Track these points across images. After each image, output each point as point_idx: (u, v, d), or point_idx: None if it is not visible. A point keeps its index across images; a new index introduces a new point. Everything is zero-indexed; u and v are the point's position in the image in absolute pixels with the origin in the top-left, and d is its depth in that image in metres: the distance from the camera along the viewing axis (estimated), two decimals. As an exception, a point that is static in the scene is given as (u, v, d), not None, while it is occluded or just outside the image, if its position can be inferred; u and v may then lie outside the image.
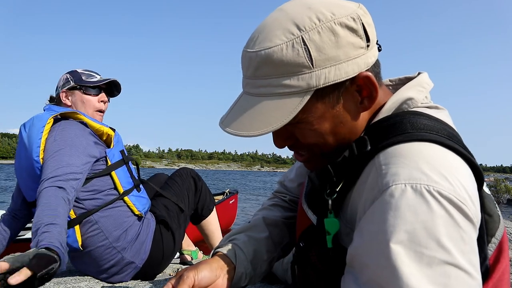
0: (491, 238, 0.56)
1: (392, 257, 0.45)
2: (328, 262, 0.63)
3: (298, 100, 0.56)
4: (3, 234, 1.44)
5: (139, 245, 1.46)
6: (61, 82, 1.56)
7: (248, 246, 0.81)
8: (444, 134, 0.55)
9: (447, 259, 0.44)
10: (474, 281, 0.45)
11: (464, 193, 0.48)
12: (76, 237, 1.34)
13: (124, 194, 1.45)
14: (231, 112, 0.62)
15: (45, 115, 1.37)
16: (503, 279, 0.56)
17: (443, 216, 0.46)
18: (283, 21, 0.56)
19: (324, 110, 0.58)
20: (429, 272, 0.44)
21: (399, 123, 0.57)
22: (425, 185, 0.47)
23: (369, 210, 0.51)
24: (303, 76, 0.55)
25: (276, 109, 0.57)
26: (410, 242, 0.45)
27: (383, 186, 0.49)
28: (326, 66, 0.55)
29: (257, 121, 0.57)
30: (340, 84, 0.57)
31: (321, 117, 0.59)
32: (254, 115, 0.58)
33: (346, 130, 0.61)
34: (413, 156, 0.50)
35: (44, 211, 1.06)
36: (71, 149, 1.30)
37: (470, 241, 0.47)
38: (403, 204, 0.47)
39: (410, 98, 0.62)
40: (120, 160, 1.50)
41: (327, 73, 0.55)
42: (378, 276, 0.46)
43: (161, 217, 1.58)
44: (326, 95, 0.57)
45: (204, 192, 1.87)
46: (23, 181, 1.40)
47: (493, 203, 0.59)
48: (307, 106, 0.57)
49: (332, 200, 0.61)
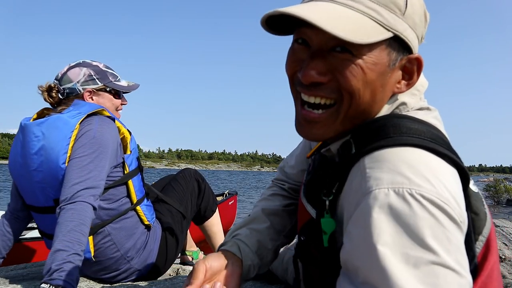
0: (478, 236, 0.57)
1: (380, 259, 0.46)
2: (328, 258, 0.63)
3: (381, 31, 0.55)
4: (8, 236, 1.40)
5: (146, 253, 1.45)
6: (80, 77, 1.41)
7: (251, 238, 0.81)
8: (427, 136, 0.56)
9: (433, 259, 0.45)
10: (463, 279, 0.45)
11: (447, 194, 0.49)
12: (89, 247, 1.30)
13: (137, 203, 1.42)
14: (313, 6, 0.55)
15: (71, 119, 1.28)
16: (492, 276, 0.57)
17: (426, 218, 0.46)
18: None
19: (384, 60, 0.57)
20: (417, 273, 0.44)
21: (383, 127, 0.58)
22: (407, 188, 0.48)
23: (354, 214, 0.52)
24: (394, 16, 0.56)
25: (361, 25, 0.54)
26: (396, 244, 0.46)
27: (367, 190, 0.50)
28: (409, 24, 0.58)
29: (347, 24, 0.53)
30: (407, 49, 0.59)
31: (377, 64, 0.56)
32: (344, 19, 0.53)
33: (380, 97, 0.60)
34: (396, 160, 0.52)
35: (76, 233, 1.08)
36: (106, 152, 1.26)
37: (455, 240, 0.47)
38: (386, 208, 0.48)
39: (403, 103, 0.64)
40: (136, 168, 1.45)
41: (409, 29, 0.58)
42: (370, 278, 0.47)
43: (166, 224, 1.57)
44: (396, 49, 0.58)
45: (207, 194, 1.86)
46: (30, 185, 1.31)
47: (480, 201, 0.60)
48: (378, 45, 0.55)
49: (329, 201, 0.62)
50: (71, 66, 1.44)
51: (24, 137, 1.31)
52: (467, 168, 0.57)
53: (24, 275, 1.51)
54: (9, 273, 1.55)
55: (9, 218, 1.42)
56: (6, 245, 1.39)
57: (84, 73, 1.42)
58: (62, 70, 1.45)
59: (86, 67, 1.44)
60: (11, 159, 1.38)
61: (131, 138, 1.45)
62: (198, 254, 2.16)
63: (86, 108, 1.34)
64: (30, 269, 1.65)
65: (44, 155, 1.25)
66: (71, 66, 1.44)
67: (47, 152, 1.25)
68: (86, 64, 1.45)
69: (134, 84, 1.58)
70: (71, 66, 1.44)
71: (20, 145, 1.32)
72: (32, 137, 1.28)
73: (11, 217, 1.42)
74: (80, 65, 1.44)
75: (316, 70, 0.57)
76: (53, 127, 1.27)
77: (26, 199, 1.38)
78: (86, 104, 1.38)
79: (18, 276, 1.49)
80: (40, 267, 1.69)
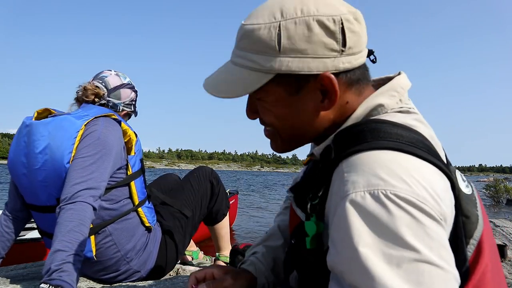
0: (469, 240, 0.57)
1: (362, 260, 0.46)
2: (314, 260, 0.64)
3: (260, 77, 0.61)
4: (6, 236, 1.39)
5: (146, 255, 1.46)
6: (128, 99, 1.55)
7: (267, 257, 0.87)
8: (406, 141, 0.56)
9: (416, 257, 0.45)
10: (448, 274, 0.46)
11: (424, 193, 0.49)
12: (91, 246, 1.30)
13: (139, 205, 1.43)
14: (214, 73, 0.68)
15: (77, 119, 1.29)
16: (483, 279, 0.56)
17: (403, 217, 0.47)
18: (275, 5, 0.61)
19: (282, 95, 0.63)
20: (401, 271, 0.45)
21: (361, 132, 0.58)
22: (382, 190, 0.49)
23: (334, 218, 0.52)
24: (269, 58, 0.60)
25: (241, 80, 0.62)
26: (377, 245, 0.47)
27: (344, 193, 0.51)
28: (291, 55, 0.59)
29: (225, 85, 0.64)
30: (303, 76, 0.60)
31: (278, 100, 0.63)
32: (225, 80, 0.64)
33: (301, 122, 0.65)
34: (372, 163, 0.52)
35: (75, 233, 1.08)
36: (109, 154, 1.27)
37: (437, 236, 0.47)
38: (363, 211, 0.49)
39: (380, 105, 0.63)
40: (139, 170, 1.45)
41: (290, 61, 0.59)
42: (355, 281, 0.47)
43: (166, 227, 1.57)
44: (287, 82, 0.61)
45: (220, 197, 1.82)
46: (32, 184, 1.30)
47: (472, 204, 0.59)
48: (268, 87, 0.62)
49: (311, 204, 0.62)
50: (125, 84, 1.54)
51: (29, 136, 1.30)
52: (454, 168, 0.57)
53: (24, 275, 1.51)
54: (9, 273, 1.55)
55: (8, 218, 1.42)
56: (5, 245, 1.39)
57: (131, 98, 1.55)
58: (115, 80, 1.52)
59: (134, 91, 1.57)
60: (11, 158, 1.36)
61: (136, 140, 1.45)
62: (198, 254, 2.17)
63: (95, 111, 1.36)
64: (30, 269, 1.65)
65: (49, 154, 1.25)
66: (125, 84, 1.54)
67: (52, 151, 1.25)
68: (134, 88, 1.57)
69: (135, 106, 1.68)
70: (125, 84, 1.54)
71: (24, 144, 1.31)
72: (38, 136, 1.28)
73: (9, 217, 1.42)
74: (131, 87, 1.56)
75: (249, 111, 0.70)
76: (60, 127, 1.28)
77: (27, 198, 1.37)
78: (95, 107, 1.40)
79: (18, 276, 1.50)
80: (40, 267, 1.69)
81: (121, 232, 1.37)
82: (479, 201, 0.62)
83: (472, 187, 0.64)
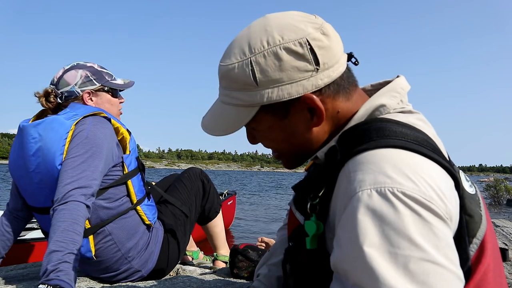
0: (472, 239, 0.57)
1: (368, 261, 0.46)
2: (313, 262, 0.63)
3: (248, 111, 0.64)
4: (7, 236, 1.39)
5: (147, 254, 1.45)
6: (77, 79, 1.41)
7: (270, 277, 0.91)
8: (411, 139, 0.56)
9: (422, 256, 0.45)
10: (453, 274, 0.45)
11: (430, 192, 0.49)
12: (89, 247, 1.30)
13: (138, 203, 1.42)
14: (208, 112, 0.72)
15: (67, 120, 1.28)
16: (485, 279, 0.56)
17: (410, 215, 0.47)
18: (243, 40, 0.64)
19: (273, 122, 0.66)
20: (407, 271, 0.44)
21: (366, 131, 0.59)
22: (389, 187, 0.48)
23: (342, 217, 0.52)
24: (250, 93, 0.63)
25: (231, 117, 0.66)
26: (383, 244, 0.46)
27: (351, 192, 0.51)
28: (269, 86, 0.61)
29: (218, 124, 0.68)
30: (287, 101, 0.62)
31: (271, 127, 0.67)
32: (217, 119, 0.68)
33: (298, 142, 0.68)
34: (378, 161, 0.52)
35: (69, 233, 1.07)
36: (99, 152, 1.26)
37: (443, 236, 0.47)
38: (370, 209, 0.48)
39: (382, 105, 0.64)
40: (136, 168, 1.44)
41: (270, 92, 0.61)
42: (360, 280, 0.47)
43: (168, 226, 1.56)
44: (275, 109, 0.64)
45: (212, 195, 1.84)
46: (30, 186, 1.31)
47: (476, 203, 0.59)
48: (258, 117, 0.65)
49: (311, 204, 0.63)
50: (66, 69, 1.43)
51: (22, 138, 1.31)
52: (458, 168, 0.56)
53: (24, 275, 1.51)
54: (9, 273, 1.55)
55: (9, 218, 1.42)
56: (5, 245, 1.39)
57: (80, 75, 1.41)
58: (57, 74, 1.43)
59: (82, 68, 1.43)
60: (11, 161, 1.38)
61: (130, 138, 1.44)
62: (198, 254, 2.16)
63: (83, 110, 1.35)
64: (30, 269, 1.65)
65: (41, 157, 1.26)
66: (66, 69, 1.43)
67: (44, 153, 1.25)
68: (81, 66, 1.44)
69: (129, 82, 1.58)
70: (66, 69, 1.43)
71: (19, 147, 1.32)
72: (29, 138, 1.28)
73: (10, 216, 1.42)
74: (75, 68, 1.43)
75: (249, 139, 0.74)
76: (49, 129, 1.27)
77: (28, 200, 1.38)
78: (83, 106, 1.38)
79: (18, 276, 1.50)
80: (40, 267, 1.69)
81: (120, 231, 1.37)
82: (483, 201, 0.62)
83: (476, 187, 0.63)
